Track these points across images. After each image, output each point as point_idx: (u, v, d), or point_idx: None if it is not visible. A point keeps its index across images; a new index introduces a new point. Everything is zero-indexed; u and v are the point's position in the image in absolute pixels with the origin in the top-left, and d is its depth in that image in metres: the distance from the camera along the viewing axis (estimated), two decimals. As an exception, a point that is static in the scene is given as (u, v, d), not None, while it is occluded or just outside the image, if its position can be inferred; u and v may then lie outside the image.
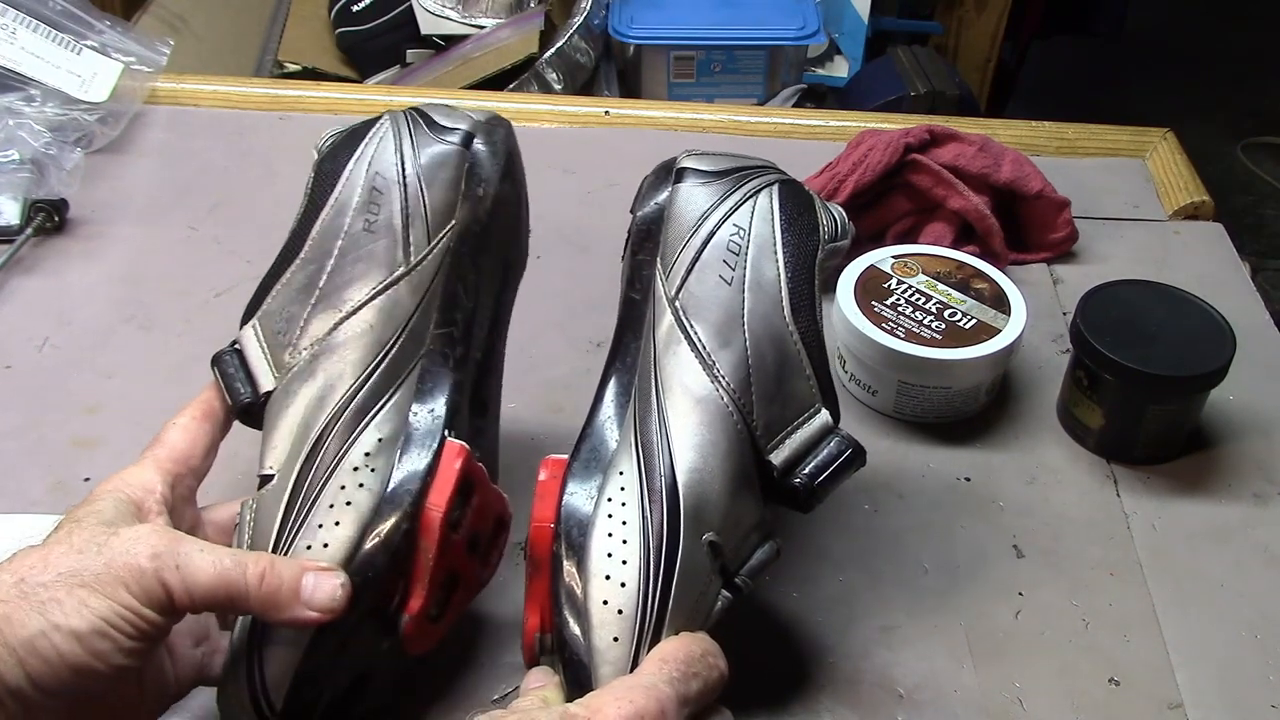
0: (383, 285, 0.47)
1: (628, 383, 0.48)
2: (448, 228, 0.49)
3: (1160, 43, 2.70)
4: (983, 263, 0.69)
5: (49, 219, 0.76)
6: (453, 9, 1.39)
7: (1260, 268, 1.98)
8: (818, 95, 1.52)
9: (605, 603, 0.42)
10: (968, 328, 0.64)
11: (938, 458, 0.64)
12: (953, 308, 0.65)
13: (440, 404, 0.47)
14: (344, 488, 0.44)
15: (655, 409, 0.45)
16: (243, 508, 0.45)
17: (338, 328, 0.47)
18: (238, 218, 0.80)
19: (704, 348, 0.46)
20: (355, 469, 0.44)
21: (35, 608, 0.37)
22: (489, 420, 0.54)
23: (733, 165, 0.51)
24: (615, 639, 0.42)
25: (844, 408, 0.51)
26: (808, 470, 0.47)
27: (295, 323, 0.47)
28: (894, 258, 0.69)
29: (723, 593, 0.45)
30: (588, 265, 0.76)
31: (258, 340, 0.48)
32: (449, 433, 0.47)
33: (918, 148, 0.75)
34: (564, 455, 0.47)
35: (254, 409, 0.47)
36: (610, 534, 0.43)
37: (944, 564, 0.57)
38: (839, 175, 0.75)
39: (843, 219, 0.53)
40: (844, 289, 0.66)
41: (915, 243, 0.74)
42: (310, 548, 0.43)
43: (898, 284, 0.67)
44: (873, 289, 0.66)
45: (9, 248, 0.74)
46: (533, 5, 1.39)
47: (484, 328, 0.52)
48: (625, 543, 0.43)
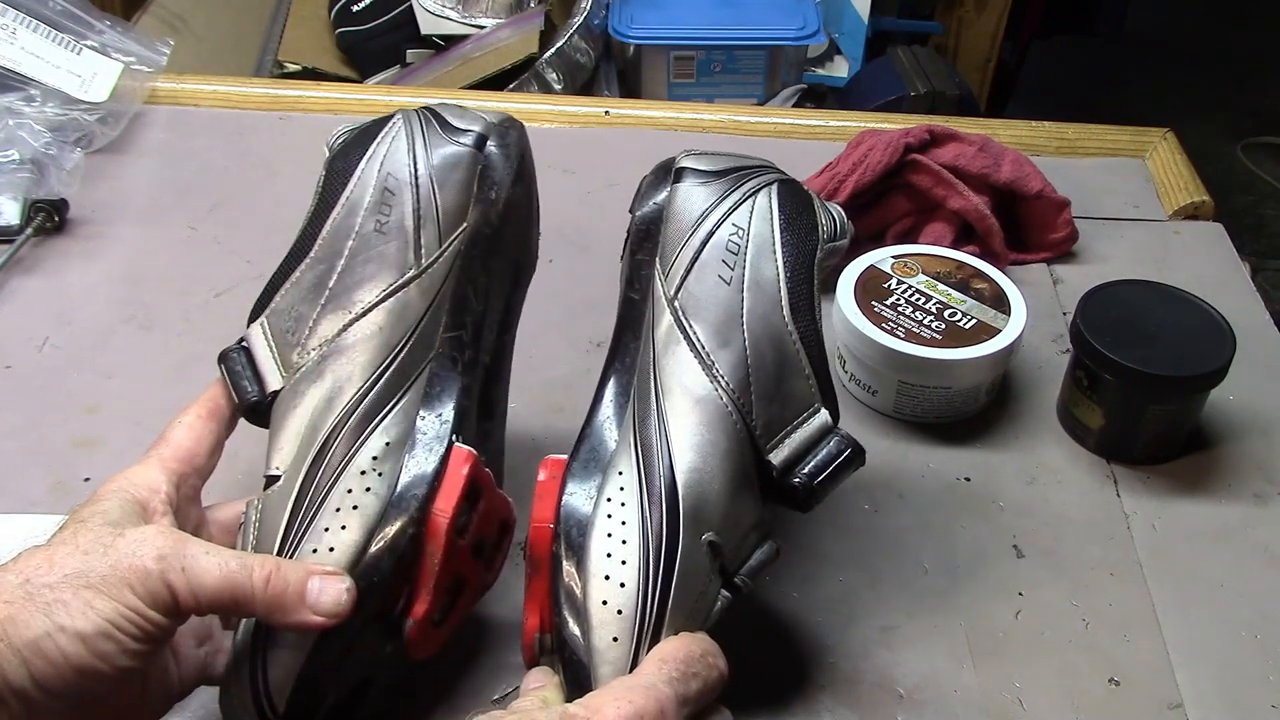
0: (393, 287, 0.47)
1: (627, 383, 0.48)
2: (459, 230, 0.48)
3: (1160, 43, 2.70)
4: (983, 263, 0.69)
5: (49, 219, 0.76)
6: (453, 9, 1.39)
7: (1260, 268, 1.98)
8: (818, 95, 1.52)
9: (605, 603, 0.42)
10: (968, 328, 0.64)
11: (938, 458, 0.64)
12: (953, 308, 0.65)
13: (448, 408, 0.47)
14: (350, 491, 0.44)
15: (654, 409, 0.45)
16: (248, 508, 0.45)
17: (347, 329, 0.47)
18: (238, 218, 0.80)
19: (703, 348, 0.46)
20: (362, 472, 0.44)
21: (41, 609, 0.37)
22: (495, 423, 0.54)
23: (732, 165, 0.51)
24: (615, 639, 0.42)
25: (844, 408, 0.51)
26: (807, 470, 0.47)
27: (304, 322, 0.47)
28: (894, 258, 0.69)
29: (722, 593, 0.45)
30: (588, 265, 0.76)
31: (265, 339, 0.48)
32: (456, 437, 0.46)
33: (918, 148, 0.75)
34: (563, 455, 0.47)
35: (260, 408, 0.47)
36: (610, 534, 0.43)
37: (944, 564, 0.57)
38: (839, 175, 0.75)
39: (842, 219, 0.53)
40: (844, 289, 0.66)
41: (915, 243, 0.74)
42: (316, 551, 0.43)
43: (898, 284, 0.67)
44: (873, 289, 0.66)
45: (9, 248, 0.74)
46: (533, 5, 1.39)
47: (493, 331, 0.52)
48: (625, 543, 0.43)
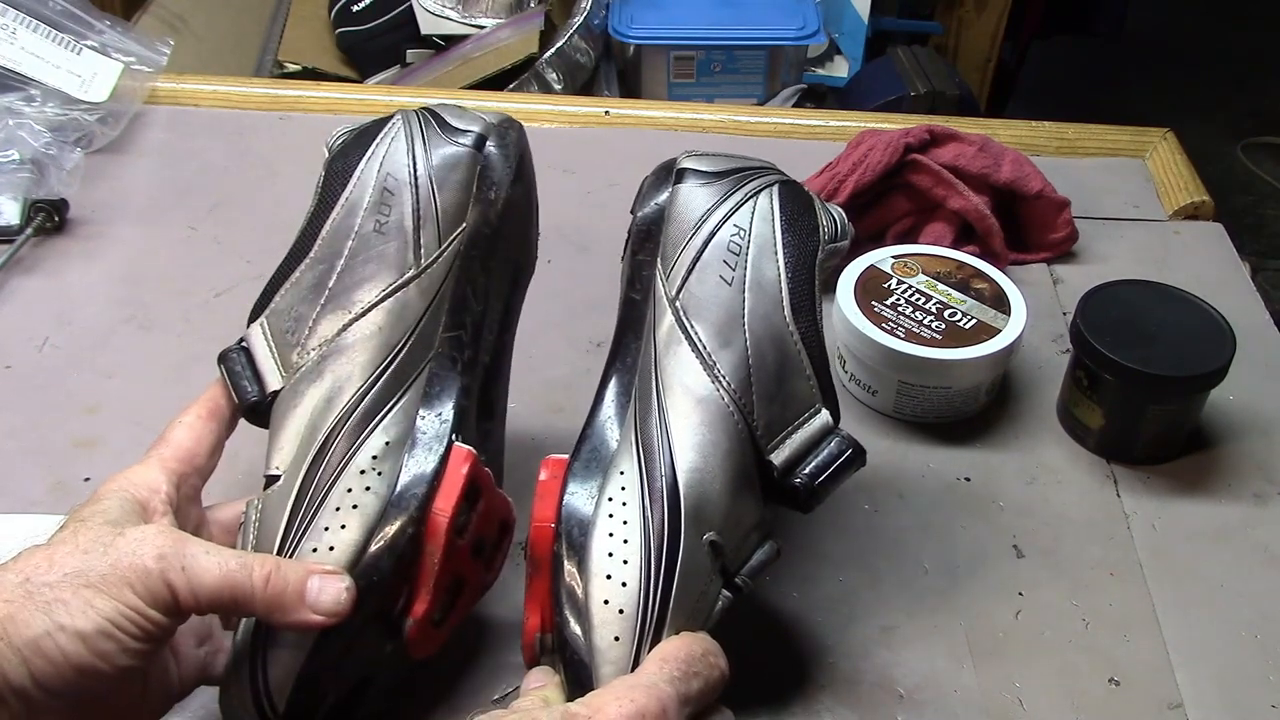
0: (393, 287, 0.47)
1: (628, 383, 0.48)
2: (459, 230, 0.49)
3: (1160, 43, 2.70)
4: (983, 263, 0.69)
5: (49, 219, 0.76)
6: (453, 9, 1.39)
7: (1260, 268, 1.98)
8: (818, 95, 1.52)
9: (606, 602, 0.42)
10: (968, 328, 0.64)
11: (938, 458, 0.64)
12: (953, 308, 0.65)
13: (448, 408, 0.47)
14: (350, 491, 0.44)
15: (656, 409, 0.45)
16: (248, 508, 0.45)
17: (347, 329, 0.47)
18: (238, 218, 0.80)
19: (704, 348, 0.46)
20: (362, 472, 0.44)
21: (40, 608, 0.37)
22: (495, 423, 0.54)
23: (733, 166, 0.51)
24: (616, 638, 0.42)
25: (844, 408, 0.51)
26: (808, 470, 0.47)
27: (304, 322, 0.47)
28: (894, 258, 0.69)
29: (723, 592, 0.45)
30: (588, 265, 0.76)
31: (265, 339, 0.48)
32: (456, 437, 0.46)
33: (918, 148, 0.75)
34: (564, 455, 0.47)
35: (260, 408, 0.47)
36: (611, 534, 0.43)
37: (944, 564, 0.57)
38: (839, 175, 0.75)
39: (842, 220, 0.53)
40: (844, 289, 0.66)
41: (915, 243, 0.74)
42: (316, 550, 0.43)
43: (898, 284, 0.67)
44: (873, 289, 0.66)
45: (9, 248, 0.74)
46: (533, 5, 1.39)
47: (493, 331, 0.52)
48: (626, 542, 0.43)
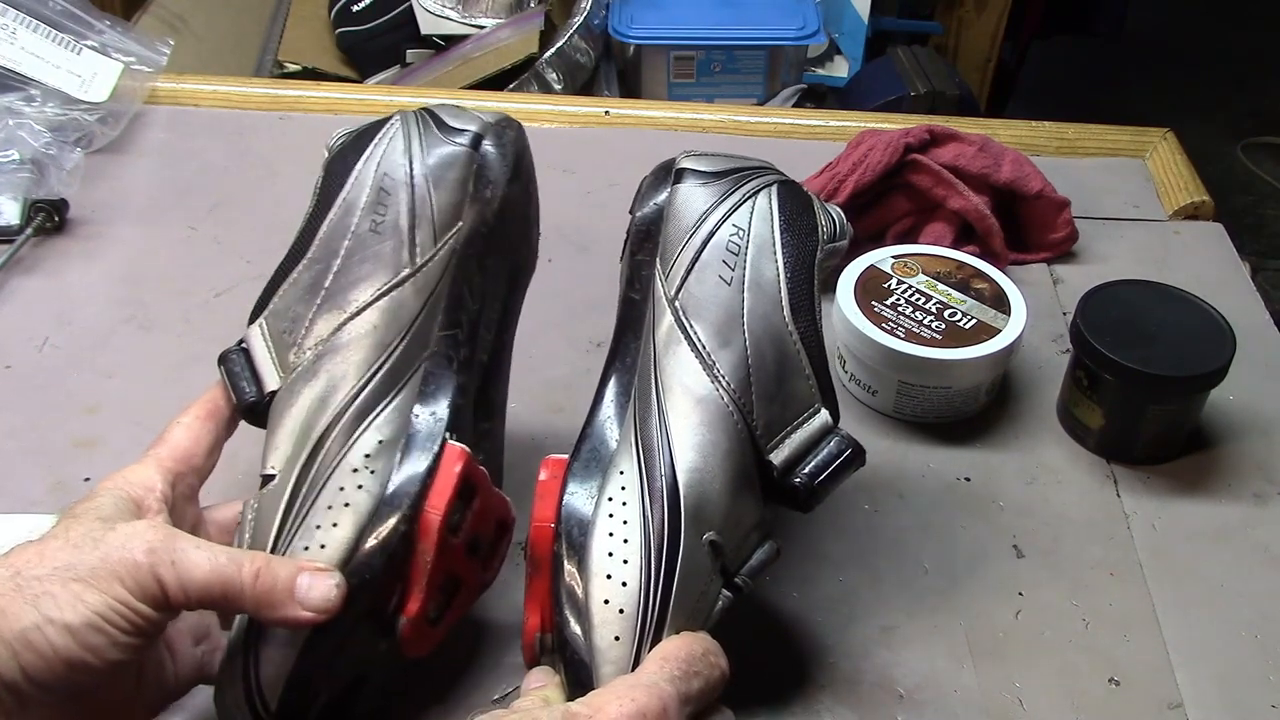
0: (388, 286, 0.47)
1: (627, 383, 0.48)
2: (454, 229, 0.49)
3: (1160, 43, 2.70)
4: (983, 263, 0.69)
5: (49, 219, 0.76)
6: (453, 9, 1.39)
7: (1260, 268, 1.98)
8: (818, 95, 1.52)
9: (606, 602, 0.42)
10: (968, 328, 0.64)
11: (938, 458, 0.64)
12: (953, 308, 0.65)
13: (443, 406, 0.47)
14: (343, 489, 0.44)
15: (655, 409, 0.45)
16: (244, 508, 0.45)
17: (342, 328, 0.47)
18: (238, 218, 0.80)
19: (704, 348, 0.46)
20: (355, 470, 0.44)
21: (29, 601, 0.37)
22: (495, 423, 0.54)
23: (732, 166, 0.51)
24: (616, 638, 0.42)
25: (844, 408, 0.51)
26: (808, 470, 0.47)
27: (301, 322, 0.47)
28: (894, 258, 0.69)
29: (723, 592, 0.45)
30: (588, 265, 0.76)
31: (264, 339, 0.48)
32: (451, 435, 0.46)
33: (918, 148, 0.75)
34: (564, 455, 0.47)
35: (259, 408, 0.47)
36: (611, 533, 0.43)
37: (944, 564, 0.57)
38: (839, 175, 0.75)
39: (841, 219, 0.53)
40: (844, 289, 0.66)
41: (915, 243, 0.74)
42: (308, 548, 0.43)
43: (898, 284, 0.67)
44: (873, 289, 0.66)
45: (9, 248, 0.74)
46: (533, 5, 1.39)
47: (490, 330, 0.52)
48: (626, 542, 0.43)
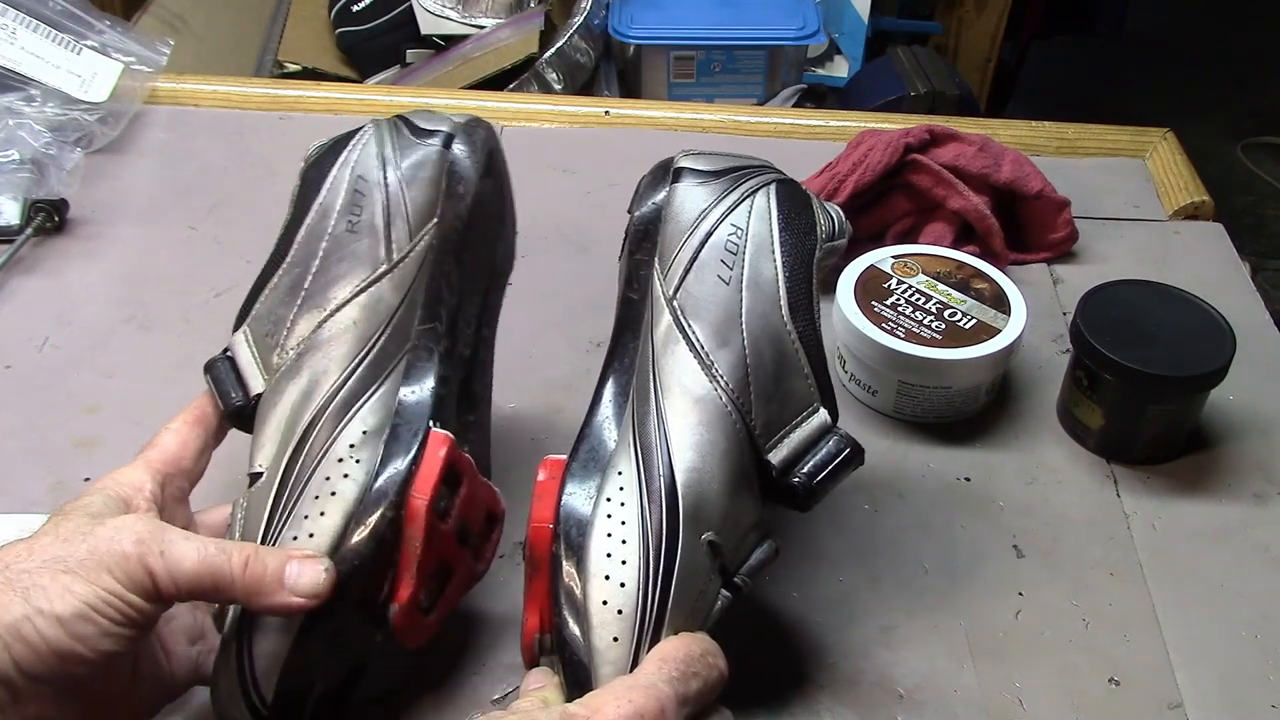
0: (366, 283, 0.48)
1: (626, 383, 0.48)
2: (429, 225, 0.49)
3: (1160, 43, 2.70)
4: (983, 263, 0.69)
5: (49, 219, 0.76)
6: (453, 9, 1.39)
7: (1260, 268, 1.98)
8: (818, 95, 1.52)
9: (605, 602, 0.42)
10: (968, 328, 0.64)
11: (938, 458, 0.64)
12: (953, 308, 0.65)
13: (425, 395, 0.48)
14: (329, 479, 0.44)
15: (654, 409, 0.45)
16: (234, 507, 0.46)
17: (323, 325, 0.47)
18: (238, 218, 0.80)
19: (702, 347, 0.46)
20: (340, 460, 0.45)
21: (19, 593, 0.38)
22: (478, 416, 0.54)
23: (730, 165, 0.51)
24: (615, 639, 0.42)
25: (844, 408, 0.51)
26: (806, 469, 0.47)
27: (282, 324, 0.48)
28: (894, 258, 0.69)
29: (722, 592, 0.45)
30: (588, 265, 0.76)
31: (248, 344, 0.49)
32: (434, 424, 0.47)
33: (918, 148, 0.75)
34: (563, 456, 0.47)
35: (245, 412, 0.48)
36: (609, 534, 0.43)
37: (944, 564, 0.57)
38: (839, 175, 0.75)
39: (840, 218, 0.53)
40: (844, 289, 0.66)
41: (915, 243, 0.74)
42: (296, 539, 0.43)
43: (898, 284, 0.67)
44: (873, 289, 0.66)
45: (9, 248, 0.74)
46: (533, 5, 1.39)
47: (470, 324, 0.52)
48: (624, 543, 0.43)
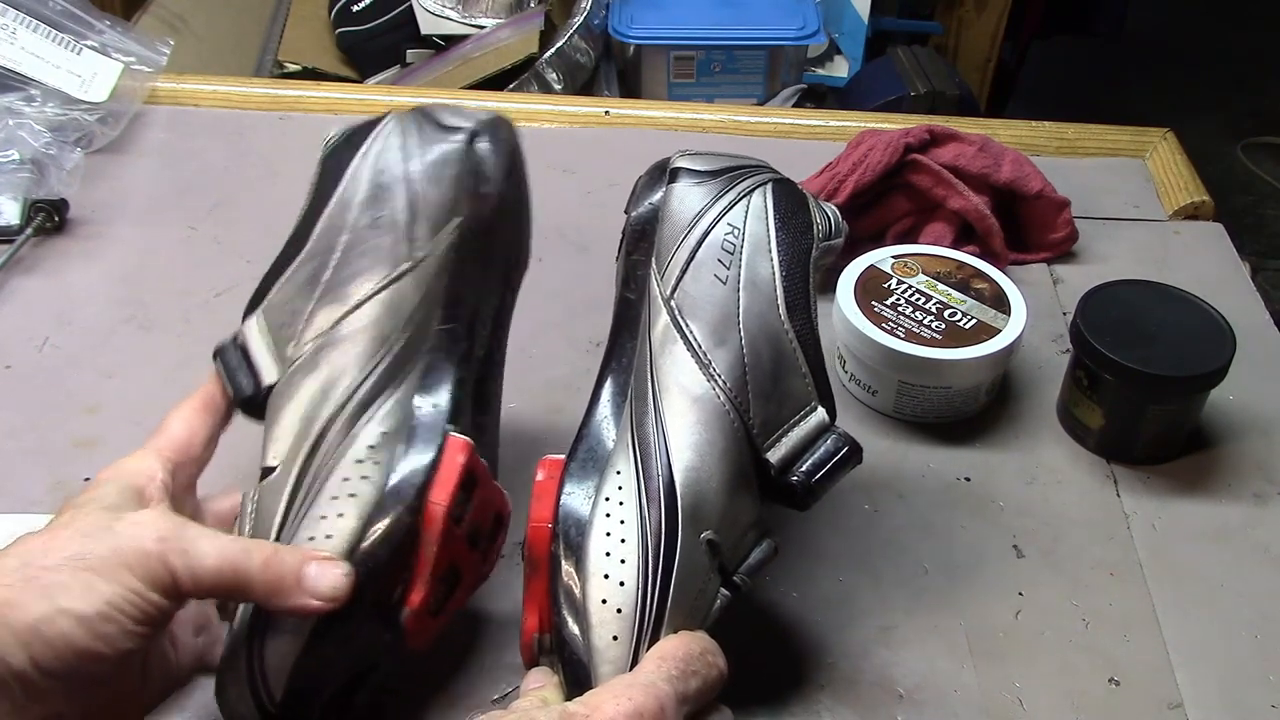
0: (388, 280, 0.47)
1: (624, 383, 0.48)
2: (452, 225, 0.49)
3: (1160, 43, 2.70)
4: (983, 263, 0.69)
5: (49, 219, 0.76)
6: (453, 9, 1.39)
7: (1260, 268, 1.98)
8: (818, 95, 1.52)
9: (604, 602, 0.42)
10: (968, 328, 0.64)
11: (938, 458, 0.64)
12: (953, 308, 0.65)
13: (444, 399, 0.47)
14: (347, 480, 0.44)
15: (652, 409, 0.45)
16: (244, 499, 0.46)
17: (342, 321, 0.47)
18: (238, 218, 0.80)
19: (700, 347, 0.46)
20: (359, 461, 0.44)
21: (41, 591, 0.37)
22: (490, 418, 0.54)
23: (727, 165, 0.51)
24: (614, 638, 0.42)
25: (844, 408, 0.51)
26: (804, 468, 0.47)
27: (299, 316, 0.47)
28: (894, 258, 0.69)
29: (721, 591, 0.45)
30: (588, 265, 0.76)
31: (261, 333, 0.48)
32: (452, 427, 0.47)
33: (918, 148, 0.75)
34: (562, 455, 0.47)
35: (255, 401, 0.47)
36: (608, 533, 0.43)
37: (944, 564, 0.57)
38: (839, 175, 0.75)
39: (836, 217, 0.53)
40: (844, 289, 0.66)
41: (915, 243, 0.74)
42: (313, 539, 0.43)
43: (898, 284, 0.67)
44: (873, 289, 0.66)
45: (9, 248, 0.74)
46: (533, 5, 1.39)
47: (486, 326, 0.52)
48: (623, 542, 0.43)
